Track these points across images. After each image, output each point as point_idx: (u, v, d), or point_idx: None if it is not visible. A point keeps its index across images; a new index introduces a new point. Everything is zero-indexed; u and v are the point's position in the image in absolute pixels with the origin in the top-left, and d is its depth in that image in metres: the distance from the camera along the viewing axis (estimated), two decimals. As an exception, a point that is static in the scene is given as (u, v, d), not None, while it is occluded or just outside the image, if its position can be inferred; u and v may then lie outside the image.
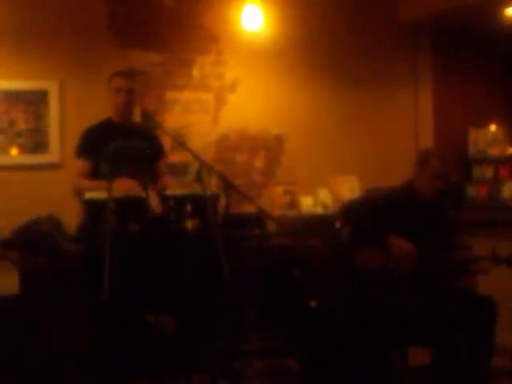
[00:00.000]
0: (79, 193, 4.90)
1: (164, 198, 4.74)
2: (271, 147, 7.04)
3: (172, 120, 6.61)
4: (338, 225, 5.16)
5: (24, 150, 6.26)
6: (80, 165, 5.20)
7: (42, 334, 5.28)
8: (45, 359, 5.21)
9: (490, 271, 4.79)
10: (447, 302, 4.72)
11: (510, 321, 4.97)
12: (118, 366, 4.76)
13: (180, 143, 5.23)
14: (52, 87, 6.31)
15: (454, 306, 4.69)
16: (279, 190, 6.87)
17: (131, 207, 4.55)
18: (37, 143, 6.28)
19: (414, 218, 4.88)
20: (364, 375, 4.76)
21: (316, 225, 6.49)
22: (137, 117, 5.11)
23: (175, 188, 5.06)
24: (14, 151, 6.26)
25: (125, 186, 4.69)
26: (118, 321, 4.62)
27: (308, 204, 6.91)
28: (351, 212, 5.05)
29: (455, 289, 5.02)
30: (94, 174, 5.13)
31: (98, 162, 5.14)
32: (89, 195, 4.60)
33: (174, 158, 5.89)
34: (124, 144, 5.19)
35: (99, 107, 6.22)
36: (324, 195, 6.93)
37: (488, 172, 7.35)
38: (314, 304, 5.30)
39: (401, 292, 4.69)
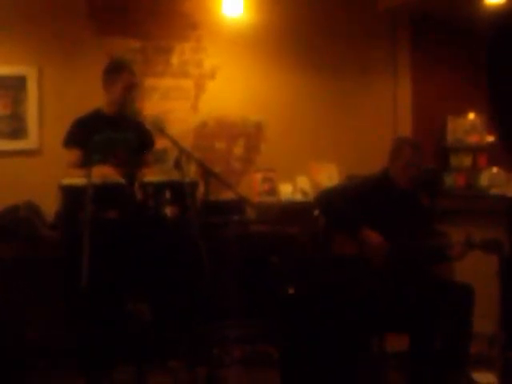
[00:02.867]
0: None
1: (143, 185, 4.74)
2: (250, 134, 7.04)
3: (151, 107, 6.60)
4: (316, 212, 5.18)
5: (2, 136, 6.23)
6: (70, 155, 5.20)
7: (19, 321, 5.27)
8: (21, 347, 5.21)
9: (464, 256, 4.83)
10: (424, 288, 4.76)
11: (486, 307, 5.00)
12: (96, 353, 4.76)
13: (159, 130, 5.23)
14: (31, 73, 6.28)
15: (431, 292, 4.72)
16: (258, 177, 6.86)
17: (110, 194, 4.55)
18: (15, 129, 6.25)
19: (390, 206, 4.91)
20: (342, 361, 4.78)
21: (295, 212, 6.50)
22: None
23: (154, 175, 5.07)
24: (-8, 137, 6.24)
25: (103, 173, 4.69)
26: (96, 308, 4.62)
27: (287, 191, 6.91)
28: (327, 200, 5.07)
29: (432, 276, 5.06)
30: (83, 164, 5.11)
31: (86, 152, 5.13)
32: (66, 181, 4.59)
33: (154, 147, 5.87)
34: (112, 135, 5.20)
35: (78, 93, 6.24)
36: (303, 182, 6.93)
37: (466, 160, 7.37)
38: (291, 291, 5.32)
39: (378, 279, 4.72)
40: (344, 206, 4.90)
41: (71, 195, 4.55)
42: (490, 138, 7.40)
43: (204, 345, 5.13)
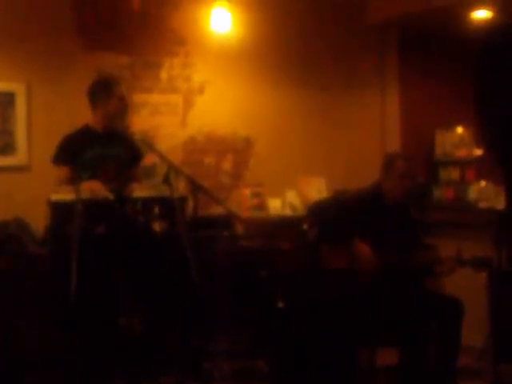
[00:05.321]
0: None
1: (132, 200, 4.74)
2: (239, 149, 7.04)
3: (140, 122, 6.58)
4: (305, 226, 5.20)
5: (-10, 152, 6.22)
6: (59, 172, 5.20)
7: (6, 335, 5.25)
8: (7, 363, 5.19)
9: (454, 272, 4.85)
10: (414, 302, 4.77)
11: (474, 321, 5.01)
12: (86, 368, 4.76)
13: (148, 145, 5.24)
14: (19, 89, 6.26)
15: (420, 306, 4.74)
16: (247, 192, 6.86)
17: (98, 209, 4.55)
18: (4, 145, 6.22)
19: (381, 220, 4.93)
20: (332, 375, 4.79)
21: (284, 226, 6.51)
22: None
23: (143, 190, 5.07)
24: (-20, 153, 6.22)
25: (92, 188, 4.69)
26: (86, 323, 4.61)
27: (276, 206, 6.91)
28: (318, 213, 5.09)
29: (421, 289, 5.08)
30: (73, 181, 5.10)
31: (76, 169, 5.13)
32: (55, 197, 4.59)
33: (142, 160, 5.88)
34: (103, 151, 5.20)
35: (67, 109, 6.22)
36: (292, 197, 6.93)
37: (454, 174, 7.41)
38: (281, 305, 5.32)
39: (367, 292, 4.73)
40: (336, 217, 4.92)
41: (60, 211, 4.55)
42: (479, 152, 7.43)
43: (194, 359, 5.13)
